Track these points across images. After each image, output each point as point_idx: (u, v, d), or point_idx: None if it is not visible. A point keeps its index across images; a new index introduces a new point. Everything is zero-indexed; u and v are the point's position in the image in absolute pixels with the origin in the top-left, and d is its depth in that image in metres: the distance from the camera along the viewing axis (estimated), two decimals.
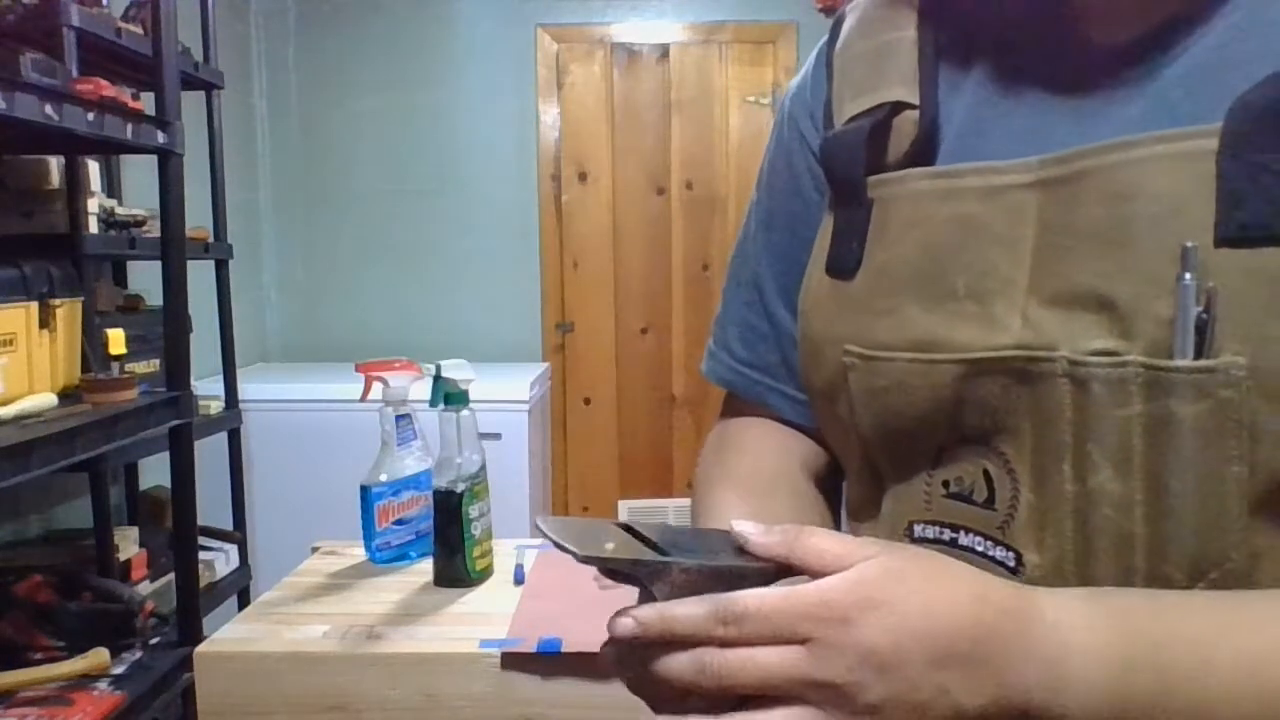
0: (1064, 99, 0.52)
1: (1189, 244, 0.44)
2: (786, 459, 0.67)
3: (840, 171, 0.58)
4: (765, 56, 3.51)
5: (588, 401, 3.67)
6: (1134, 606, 0.44)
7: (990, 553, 0.51)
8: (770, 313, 0.68)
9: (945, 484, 0.53)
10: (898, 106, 0.56)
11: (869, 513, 0.60)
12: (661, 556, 0.44)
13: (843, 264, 0.58)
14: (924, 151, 0.55)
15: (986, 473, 0.51)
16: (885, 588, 0.42)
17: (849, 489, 0.64)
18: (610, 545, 0.44)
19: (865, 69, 0.59)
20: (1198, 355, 0.44)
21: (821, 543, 0.43)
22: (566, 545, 0.42)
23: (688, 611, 0.42)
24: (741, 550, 0.45)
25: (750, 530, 0.45)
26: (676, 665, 0.42)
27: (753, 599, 0.42)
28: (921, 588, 0.42)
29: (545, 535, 0.44)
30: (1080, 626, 0.42)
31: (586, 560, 0.42)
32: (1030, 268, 0.50)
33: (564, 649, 1.09)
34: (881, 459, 0.57)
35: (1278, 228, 0.43)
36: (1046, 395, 0.48)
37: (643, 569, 0.44)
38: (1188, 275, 0.44)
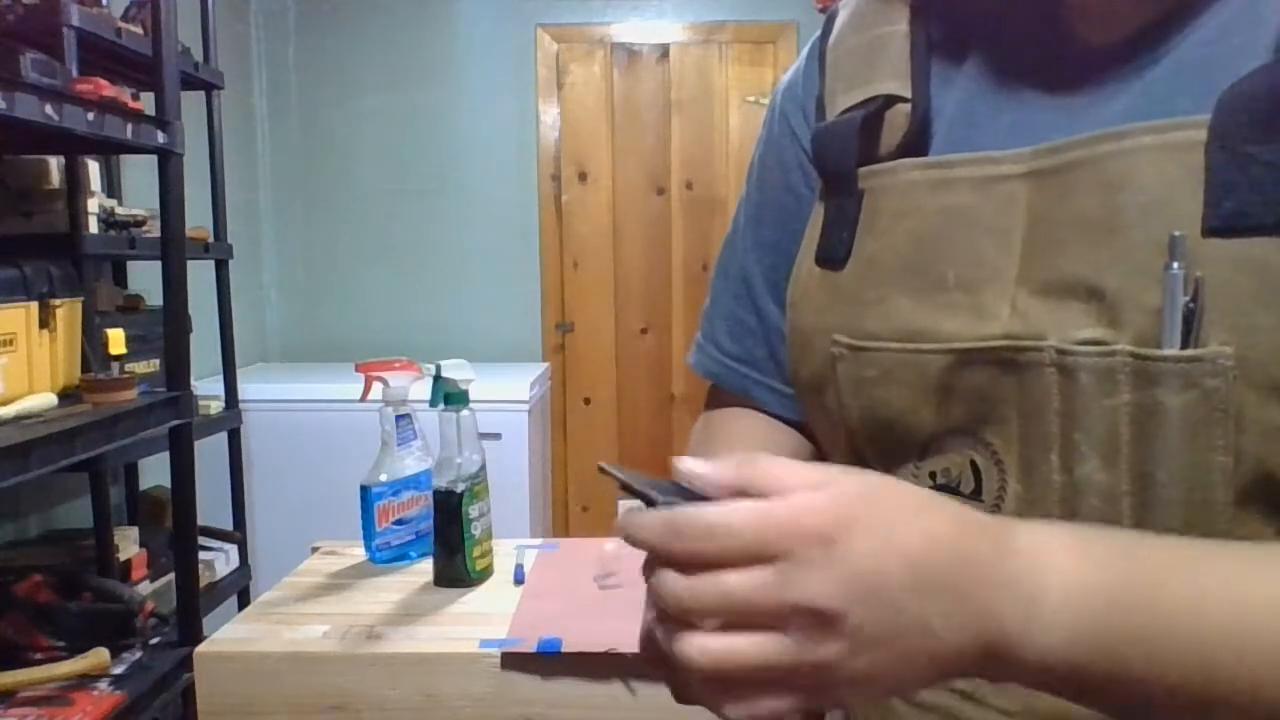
0: (1055, 94, 0.52)
1: (1176, 233, 0.44)
2: (775, 449, 0.66)
3: (831, 162, 0.58)
4: (765, 56, 3.51)
5: (588, 401, 3.67)
6: (1121, 544, 0.42)
7: None
8: (758, 307, 0.68)
9: (932, 475, 0.53)
10: (890, 99, 0.56)
11: None
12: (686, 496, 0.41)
13: (832, 254, 0.58)
14: (916, 144, 0.55)
15: (974, 464, 0.52)
16: (868, 506, 0.39)
17: None
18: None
19: (858, 63, 0.59)
20: (1185, 345, 0.44)
21: (778, 469, 0.39)
22: (619, 476, 0.42)
23: (644, 520, 0.39)
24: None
25: (698, 466, 0.40)
26: (650, 582, 0.39)
27: (717, 512, 0.37)
28: (905, 508, 0.40)
29: (609, 473, 0.43)
30: (1060, 558, 0.40)
31: (603, 470, 0.42)
32: (1020, 258, 0.50)
33: (564, 649, 1.09)
34: (868, 450, 0.57)
35: (1266, 217, 0.43)
36: (1034, 385, 0.48)
37: (637, 495, 0.41)
38: (1175, 264, 0.44)
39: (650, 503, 0.40)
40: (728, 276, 0.72)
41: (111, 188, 2.23)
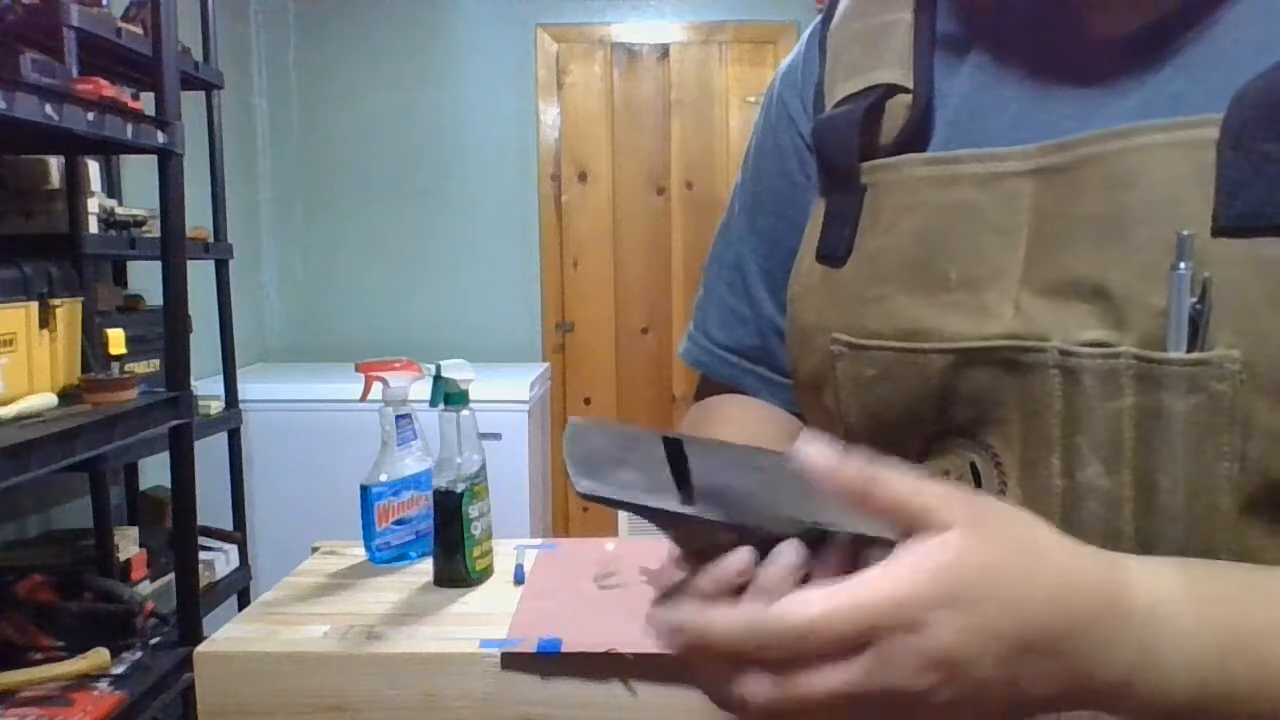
0: (1063, 87, 0.51)
1: (1184, 232, 0.43)
2: (774, 428, 0.66)
3: (833, 156, 0.57)
4: (765, 56, 3.51)
5: (588, 401, 3.67)
6: (1231, 593, 0.41)
7: None
8: (752, 296, 0.67)
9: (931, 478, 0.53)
10: (891, 89, 0.55)
11: None
12: (682, 505, 0.37)
13: (833, 251, 0.57)
14: (916, 136, 0.54)
15: (973, 466, 0.51)
16: (966, 580, 0.37)
17: None
18: (628, 476, 0.37)
19: (859, 50, 0.58)
20: (1191, 347, 0.43)
21: (900, 490, 0.38)
22: (572, 470, 0.36)
23: (727, 629, 0.37)
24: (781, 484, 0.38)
25: (820, 457, 0.39)
26: (719, 688, 0.38)
27: (811, 613, 0.36)
28: (1006, 578, 0.38)
29: (566, 447, 0.38)
30: (1176, 615, 0.39)
31: (586, 497, 0.36)
32: (1024, 256, 0.49)
33: (564, 649, 1.09)
34: (866, 451, 0.56)
35: (1278, 217, 0.42)
36: (1036, 386, 0.47)
37: (655, 517, 0.37)
38: (1182, 264, 0.43)
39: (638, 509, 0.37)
40: (721, 264, 0.71)
41: (111, 188, 2.23)
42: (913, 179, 0.53)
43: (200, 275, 2.07)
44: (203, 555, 2.11)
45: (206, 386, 2.49)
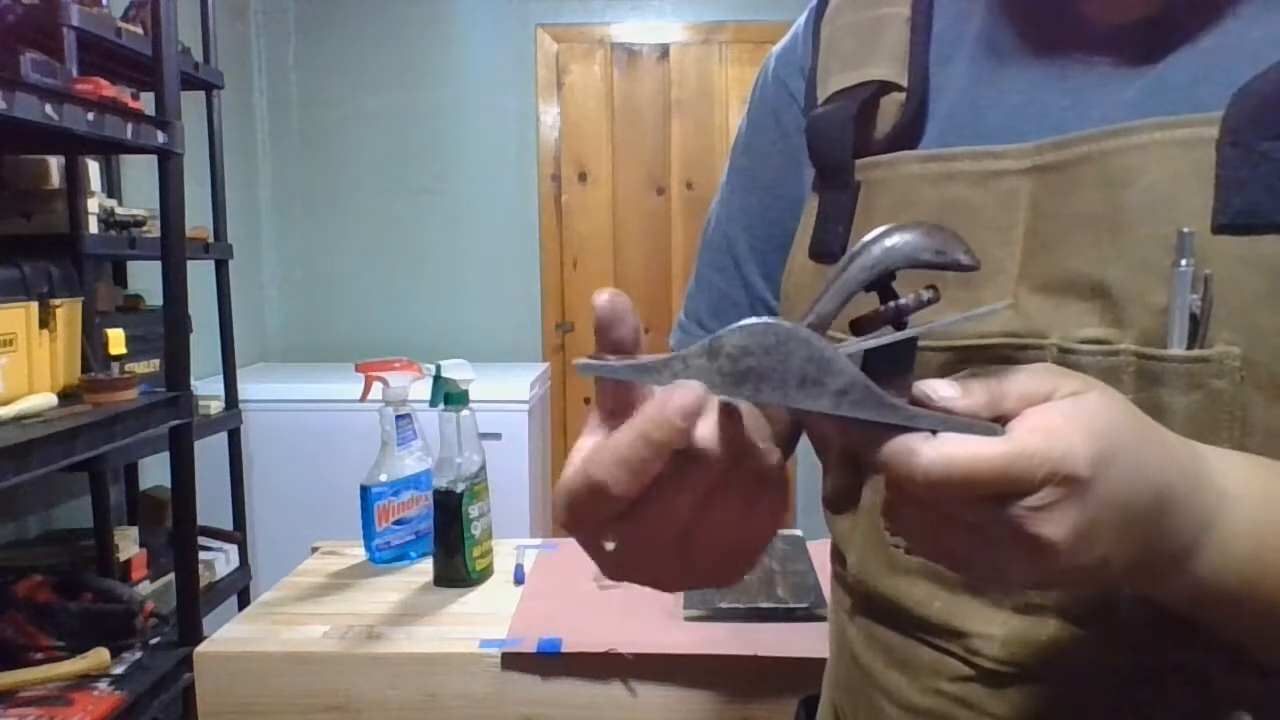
0: (1061, 78, 0.51)
1: (1185, 230, 0.43)
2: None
3: (827, 153, 0.57)
4: (765, 56, 3.51)
5: (588, 401, 3.66)
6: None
7: None
8: (744, 277, 0.66)
9: None
10: (885, 86, 0.55)
11: (847, 504, 0.59)
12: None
13: (827, 248, 0.56)
14: (910, 133, 0.54)
15: None
16: (1115, 441, 0.36)
17: (825, 480, 0.63)
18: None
19: (854, 43, 0.58)
20: (1191, 345, 0.43)
21: (1027, 384, 0.37)
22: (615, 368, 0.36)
23: (960, 461, 0.35)
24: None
25: (944, 390, 0.37)
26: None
27: (1009, 454, 0.35)
28: (1133, 443, 0.37)
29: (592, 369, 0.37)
30: (1242, 489, 0.39)
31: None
32: (1021, 254, 0.49)
33: (564, 649, 1.09)
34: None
35: (1277, 215, 0.42)
36: None
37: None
38: (1183, 261, 0.43)
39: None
40: (712, 250, 0.69)
41: (111, 188, 2.23)
42: (908, 177, 0.53)
43: (200, 275, 2.07)
44: (203, 555, 2.12)
45: (206, 386, 2.50)
